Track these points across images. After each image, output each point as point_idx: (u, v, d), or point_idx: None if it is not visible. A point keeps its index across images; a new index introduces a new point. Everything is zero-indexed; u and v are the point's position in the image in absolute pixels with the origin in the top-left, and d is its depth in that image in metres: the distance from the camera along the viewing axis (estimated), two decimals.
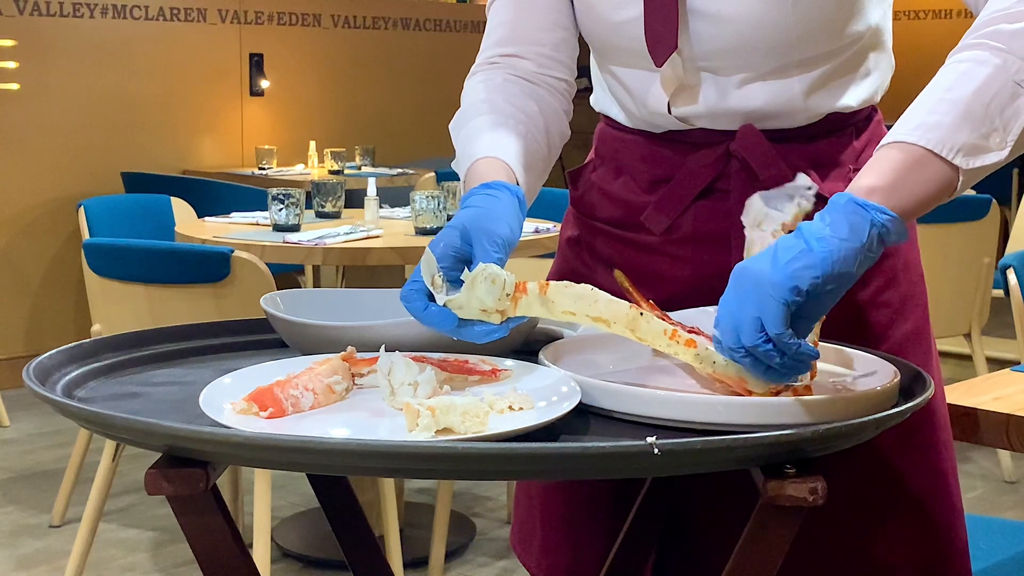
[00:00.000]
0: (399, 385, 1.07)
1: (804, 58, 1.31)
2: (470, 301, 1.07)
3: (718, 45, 1.32)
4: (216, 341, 1.32)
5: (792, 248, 1.05)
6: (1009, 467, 3.94)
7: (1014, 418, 1.38)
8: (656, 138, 1.40)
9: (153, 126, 5.59)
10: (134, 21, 5.52)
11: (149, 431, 0.96)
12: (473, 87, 1.43)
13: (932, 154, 1.12)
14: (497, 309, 1.07)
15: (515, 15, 1.44)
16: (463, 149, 1.36)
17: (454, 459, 0.92)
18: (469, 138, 1.35)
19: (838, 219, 1.06)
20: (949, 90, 1.14)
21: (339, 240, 3.14)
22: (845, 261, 1.04)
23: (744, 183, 1.34)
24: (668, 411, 1.03)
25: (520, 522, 1.54)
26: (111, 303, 2.96)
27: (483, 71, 1.44)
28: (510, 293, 1.07)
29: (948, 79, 1.15)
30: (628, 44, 1.36)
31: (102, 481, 3.03)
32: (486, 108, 1.38)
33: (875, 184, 1.10)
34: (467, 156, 1.33)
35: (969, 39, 1.18)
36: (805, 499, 0.97)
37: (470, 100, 1.41)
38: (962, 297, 3.93)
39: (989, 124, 1.12)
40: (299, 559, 3.30)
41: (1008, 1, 1.17)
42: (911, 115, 1.14)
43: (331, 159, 5.39)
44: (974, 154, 1.12)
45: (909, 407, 1.06)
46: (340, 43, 6.24)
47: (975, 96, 1.12)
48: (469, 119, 1.38)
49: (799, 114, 1.35)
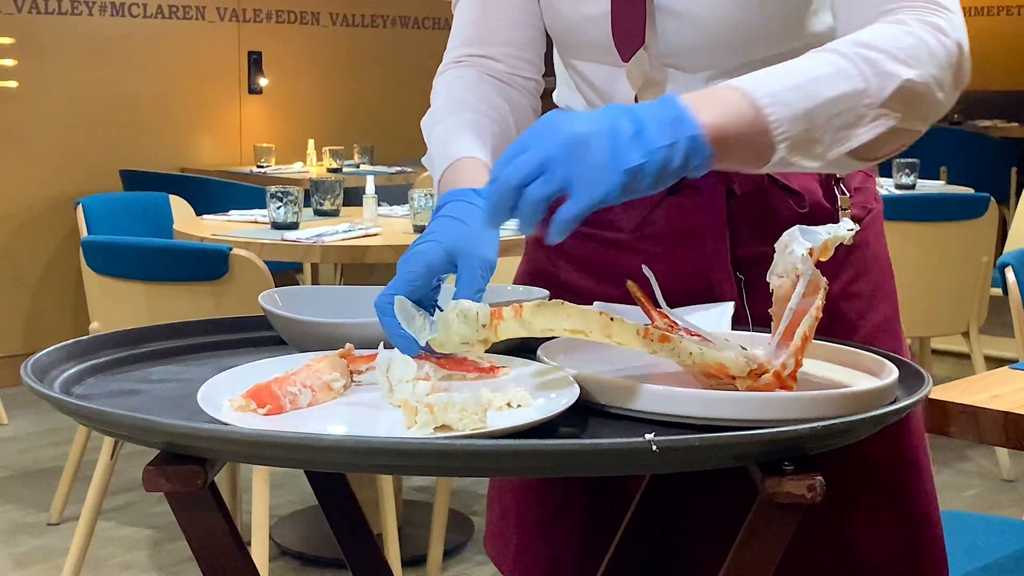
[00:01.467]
0: (397, 382, 1.07)
1: (767, 56, 1.31)
2: (450, 338, 1.07)
3: (684, 42, 1.32)
4: (214, 338, 1.32)
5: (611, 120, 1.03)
6: (1007, 465, 3.94)
7: (1012, 416, 1.37)
8: None
9: (151, 124, 5.59)
10: (132, 19, 5.52)
11: (147, 428, 0.95)
12: (446, 84, 1.42)
13: (767, 127, 1.10)
14: (478, 340, 1.07)
15: (482, 14, 1.43)
16: (439, 148, 1.34)
17: (452, 456, 0.92)
18: (446, 136, 1.34)
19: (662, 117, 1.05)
20: (814, 80, 1.12)
21: (337, 238, 3.14)
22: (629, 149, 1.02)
23: (714, 178, 1.34)
24: (667, 407, 1.03)
25: (494, 527, 1.52)
26: (109, 301, 2.96)
27: (453, 69, 1.43)
28: (486, 324, 1.06)
29: (818, 69, 1.13)
30: (594, 39, 1.36)
31: (100, 479, 3.03)
32: (461, 106, 1.38)
33: (710, 121, 1.07)
34: (445, 155, 1.32)
35: (847, 42, 1.16)
36: (803, 496, 0.97)
37: (444, 98, 1.40)
38: (961, 295, 3.93)
39: (822, 134, 1.12)
40: (297, 557, 3.30)
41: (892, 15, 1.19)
42: (772, 78, 1.12)
43: (330, 157, 5.39)
44: (795, 150, 1.11)
45: (908, 404, 1.06)
46: (339, 41, 6.24)
47: (830, 102, 1.11)
48: (444, 116, 1.37)
49: None
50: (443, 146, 1.33)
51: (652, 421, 1.04)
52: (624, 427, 1.04)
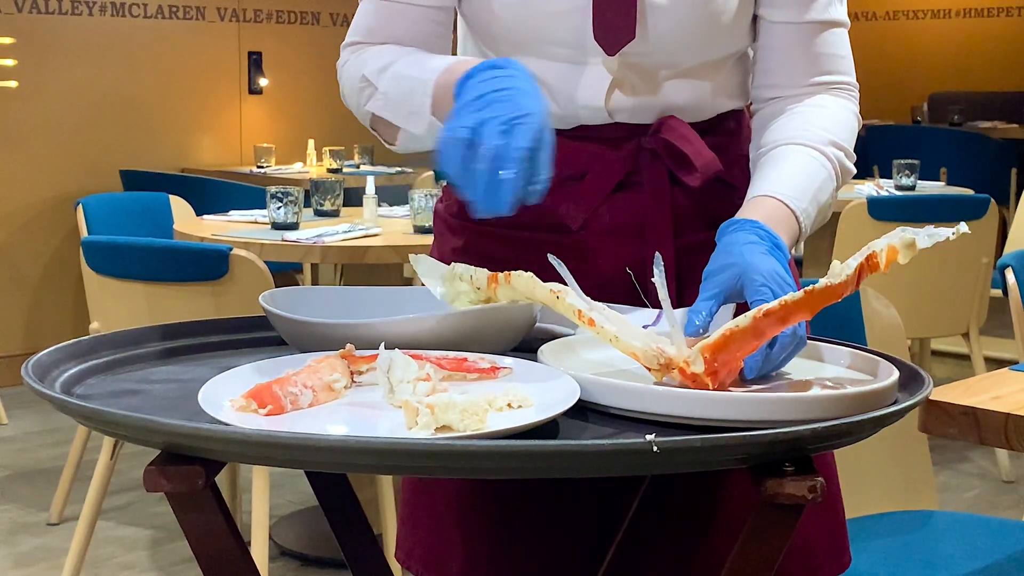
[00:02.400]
0: (398, 383, 1.07)
1: (719, 58, 1.40)
2: (458, 296, 1.21)
3: (667, 37, 1.35)
4: (214, 339, 1.32)
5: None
6: (1007, 466, 3.94)
7: (1012, 417, 1.37)
8: (565, 135, 1.38)
9: (152, 124, 5.59)
10: (133, 19, 5.52)
11: (148, 428, 0.95)
12: (375, 54, 1.40)
13: (801, 234, 1.34)
14: (480, 299, 1.21)
15: (387, 11, 1.43)
16: (414, 70, 1.33)
17: (453, 456, 0.92)
18: (415, 62, 1.34)
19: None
20: (819, 190, 1.35)
21: (338, 238, 3.14)
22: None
23: (657, 175, 1.39)
24: (668, 408, 1.03)
25: (427, 545, 1.45)
26: (109, 301, 2.96)
27: (368, 48, 1.42)
28: (481, 287, 1.20)
29: (818, 176, 1.36)
30: (562, 35, 1.36)
31: (100, 479, 3.03)
32: (406, 51, 1.38)
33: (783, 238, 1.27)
34: (425, 71, 1.31)
35: (829, 145, 1.38)
36: (804, 497, 0.97)
37: (381, 60, 1.38)
38: (961, 297, 3.93)
39: (819, 223, 1.37)
40: (297, 557, 3.30)
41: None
42: (799, 192, 1.33)
43: (330, 157, 5.39)
44: (808, 232, 1.36)
45: (907, 405, 1.06)
46: (339, 41, 6.13)
47: (826, 205, 1.37)
48: (393, 61, 1.37)
49: (706, 110, 1.42)
50: (414, 71, 1.33)
51: (653, 422, 1.04)
52: (625, 428, 1.04)
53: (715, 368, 1.06)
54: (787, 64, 1.42)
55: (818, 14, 1.40)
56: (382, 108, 1.37)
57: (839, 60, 1.43)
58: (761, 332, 1.07)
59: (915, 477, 2.21)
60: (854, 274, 1.08)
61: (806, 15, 1.40)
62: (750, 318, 1.06)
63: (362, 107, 1.40)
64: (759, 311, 1.06)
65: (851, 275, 1.08)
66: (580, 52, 1.36)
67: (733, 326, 1.06)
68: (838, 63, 1.43)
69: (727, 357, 1.06)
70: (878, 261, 1.08)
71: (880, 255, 1.08)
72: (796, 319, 1.08)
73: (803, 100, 1.41)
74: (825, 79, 1.42)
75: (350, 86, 1.42)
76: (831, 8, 1.42)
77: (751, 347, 1.08)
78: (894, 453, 2.17)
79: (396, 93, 1.35)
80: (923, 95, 8.83)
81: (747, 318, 1.06)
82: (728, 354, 1.06)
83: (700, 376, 1.06)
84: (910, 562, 1.96)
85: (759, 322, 1.06)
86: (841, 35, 1.43)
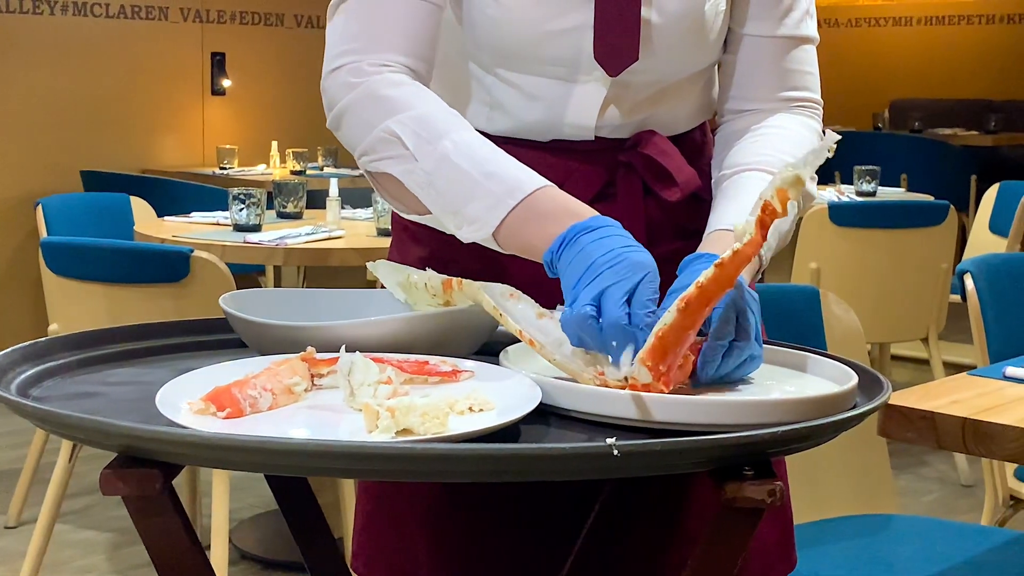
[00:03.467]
0: (359, 386, 1.06)
1: (698, 72, 1.41)
2: (418, 302, 1.26)
3: (664, 55, 1.35)
4: (174, 341, 1.31)
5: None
6: (965, 471, 3.97)
7: (970, 422, 1.39)
8: (541, 147, 1.38)
9: (113, 125, 5.55)
10: (95, 19, 5.48)
11: (105, 431, 0.95)
12: (405, 100, 1.27)
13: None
14: (439, 304, 1.25)
15: (371, 22, 1.32)
16: (470, 177, 1.21)
17: (413, 460, 0.92)
18: (475, 160, 1.22)
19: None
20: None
21: (300, 241, 3.13)
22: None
23: (631, 187, 1.39)
24: (628, 411, 1.04)
25: (390, 553, 1.43)
26: (69, 302, 2.94)
27: (379, 76, 1.29)
28: (436, 293, 1.24)
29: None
30: (558, 53, 1.34)
31: (58, 482, 3.00)
32: (459, 121, 1.27)
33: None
34: (495, 180, 1.21)
35: (770, 160, 1.35)
36: (764, 500, 0.97)
37: (422, 121, 1.25)
38: (920, 302, 3.96)
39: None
40: (258, 561, 3.29)
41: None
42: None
43: (293, 159, 5.37)
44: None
45: (867, 409, 1.06)
46: (303, 43, 6.21)
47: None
48: (443, 134, 1.24)
49: (682, 124, 1.44)
50: (480, 164, 1.22)
51: (614, 426, 1.04)
52: (586, 431, 1.04)
53: (662, 372, 1.06)
54: (756, 78, 1.42)
55: (790, 29, 1.41)
56: (421, 187, 1.24)
57: (807, 76, 1.44)
58: (692, 321, 1.06)
59: (874, 481, 2.23)
60: (757, 230, 1.08)
61: (779, 29, 1.40)
62: (675, 312, 1.05)
63: (378, 162, 1.27)
64: (680, 301, 1.05)
65: (755, 232, 1.08)
66: (573, 71, 1.35)
67: (662, 325, 1.06)
68: (806, 79, 1.43)
69: (672, 358, 1.06)
70: (774, 207, 1.08)
71: (773, 201, 1.08)
72: (718, 295, 1.07)
73: (766, 119, 1.41)
74: (792, 94, 1.42)
75: (359, 124, 1.28)
76: (803, 24, 1.42)
77: (690, 339, 1.07)
78: (854, 457, 2.19)
79: (446, 183, 1.23)
80: (884, 102, 8.90)
81: (672, 313, 1.05)
82: (672, 355, 1.06)
83: (652, 385, 1.06)
84: (869, 565, 1.97)
85: (685, 313, 1.05)
86: (810, 52, 1.44)
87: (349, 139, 1.31)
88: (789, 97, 1.42)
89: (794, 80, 1.42)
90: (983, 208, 4.74)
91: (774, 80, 1.42)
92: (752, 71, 1.42)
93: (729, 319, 1.11)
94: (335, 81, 1.31)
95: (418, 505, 1.42)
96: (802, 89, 1.43)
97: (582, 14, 1.33)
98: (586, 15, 1.33)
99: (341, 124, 1.31)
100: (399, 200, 1.31)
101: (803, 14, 1.42)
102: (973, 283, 2.34)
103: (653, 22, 1.34)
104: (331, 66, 1.32)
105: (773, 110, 1.42)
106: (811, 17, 1.43)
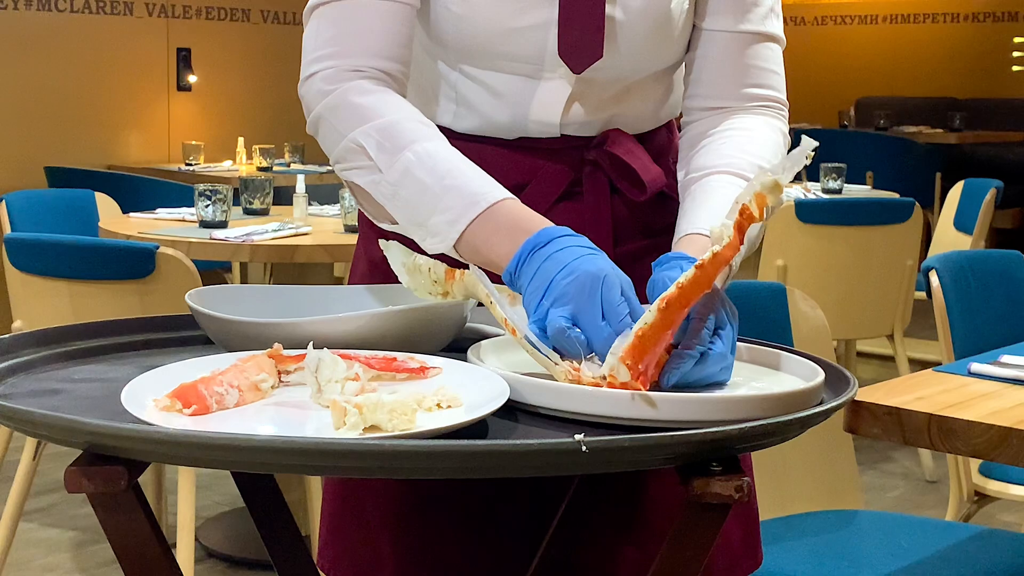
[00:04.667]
0: (326, 382, 1.06)
1: (663, 69, 1.41)
2: (419, 287, 1.24)
3: (628, 53, 1.36)
4: (140, 337, 1.30)
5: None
6: (930, 466, 4.00)
7: (935, 418, 1.39)
8: (507, 145, 1.38)
9: (78, 120, 5.51)
10: (59, 13, 5.44)
11: (69, 428, 0.94)
12: (372, 108, 1.27)
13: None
14: (438, 292, 1.23)
15: (351, 24, 1.31)
16: (430, 190, 1.22)
17: (380, 457, 0.91)
18: (435, 173, 1.23)
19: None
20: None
21: (267, 237, 3.11)
22: None
23: (598, 185, 1.40)
24: (596, 407, 1.04)
25: (356, 551, 1.43)
26: (32, 299, 2.91)
27: (352, 84, 1.29)
28: (438, 280, 1.22)
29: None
30: (521, 51, 1.34)
31: (22, 480, 2.98)
32: (428, 131, 1.28)
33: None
34: (474, 192, 1.21)
35: (737, 162, 1.35)
36: (731, 496, 0.98)
37: (387, 132, 1.25)
38: (885, 299, 3.99)
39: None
40: (224, 559, 3.27)
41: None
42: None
43: (260, 155, 5.34)
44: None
45: (834, 405, 1.07)
46: (269, 38, 6.19)
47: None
48: (408, 144, 1.24)
49: (647, 123, 1.44)
50: (461, 183, 1.22)
51: (582, 422, 1.04)
52: (554, 428, 1.04)
53: (641, 372, 1.06)
54: (720, 74, 1.41)
55: (754, 25, 1.41)
56: (386, 198, 1.26)
57: (771, 75, 1.43)
58: (671, 320, 1.07)
59: (840, 477, 2.24)
60: (735, 233, 1.09)
61: (742, 24, 1.40)
62: (655, 312, 1.06)
63: (347, 171, 1.29)
64: (660, 302, 1.06)
65: (733, 235, 1.09)
66: (537, 67, 1.35)
67: (643, 324, 1.06)
68: (770, 78, 1.43)
69: (650, 357, 1.07)
70: (752, 212, 1.09)
71: (751, 205, 1.09)
72: (696, 295, 1.08)
73: (731, 119, 1.40)
74: (756, 91, 1.42)
75: (332, 132, 1.29)
76: (767, 21, 1.42)
77: (668, 338, 1.08)
78: (820, 453, 2.20)
79: (409, 195, 1.24)
80: (850, 100, 8.96)
81: (652, 313, 1.06)
82: (651, 354, 1.07)
83: (630, 383, 1.06)
84: (835, 561, 1.98)
85: (664, 313, 1.06)
86: (776, 51, 1.43)
87: (325, 146, 1.33)
88: (753, 95, 1.42)
89: (758, 77, 1.42)
90: (948, 205, 4.77)
91: (737, 76, 1.41)
92: (715, 67, 1.42)
93: (707, 328, 1.11)
94: (310, 88, 1.32)
95: (382, 504, 1.41)
96: (767, 88, 1.42)
97: (546, 11, 1.33)
98: (550, 12, 1.33)
99: (318, 131, 1.32)
100: (372, 208, 1.31)
101: (767, 11, 1.41)
102: (938, 280, 2.35)
103: (617, 19, 1.34)
104: (306, 72, 1.33)
105: (738, 108, 1.41)
106: (776, 16, 1.43)
